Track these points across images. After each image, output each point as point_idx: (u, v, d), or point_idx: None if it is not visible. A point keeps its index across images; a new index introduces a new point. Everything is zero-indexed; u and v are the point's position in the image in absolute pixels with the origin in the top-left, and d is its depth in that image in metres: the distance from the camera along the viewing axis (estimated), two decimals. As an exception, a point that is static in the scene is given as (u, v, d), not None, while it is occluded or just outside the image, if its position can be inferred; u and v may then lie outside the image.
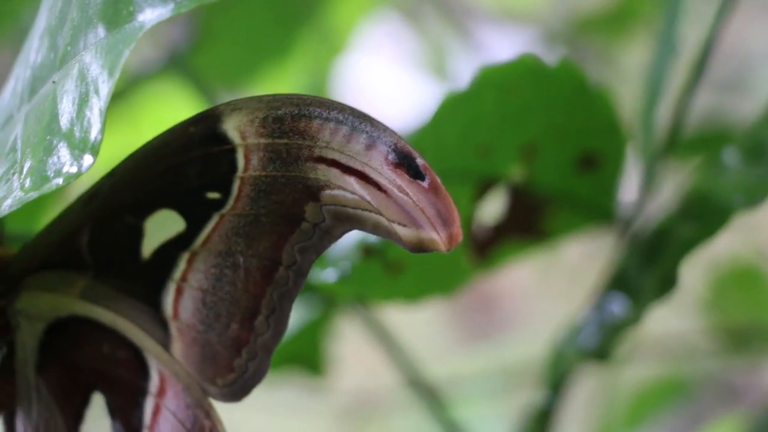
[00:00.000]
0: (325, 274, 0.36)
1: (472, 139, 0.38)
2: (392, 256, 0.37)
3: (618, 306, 0.38)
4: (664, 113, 0.44)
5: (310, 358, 0.50)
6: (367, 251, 0.36)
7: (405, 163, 0.27)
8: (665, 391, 0.75)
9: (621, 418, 0.70)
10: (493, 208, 0.41)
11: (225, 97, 0.59)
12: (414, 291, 0.39)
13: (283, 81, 0.61)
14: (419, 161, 0.27)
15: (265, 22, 0.63)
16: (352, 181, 0.27)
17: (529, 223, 0.41)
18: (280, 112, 0.28)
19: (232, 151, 0.28)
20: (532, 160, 0.40)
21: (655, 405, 0.75)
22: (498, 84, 0.38)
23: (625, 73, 0.85)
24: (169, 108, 0.62)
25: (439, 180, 0.27)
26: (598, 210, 0.41)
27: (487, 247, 0.41)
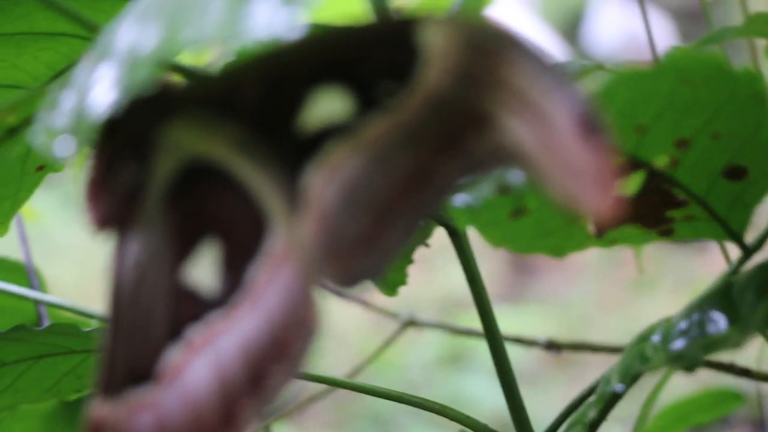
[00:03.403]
0: (454, 198, 0.36)
1: (635, 118, 0.37)
2: (521, 203, 0.37)
3: (720, 326, 0.38)
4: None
5: (390, 276, 0.50)
6: (503, 190, 0.35)
7: (584, 125, 0.27)
8: (702, 406, 0.75)
9: (659, 419, 0.69)
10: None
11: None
12: (527, 244, 0.39)
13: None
14: (599, 128, 0.26)
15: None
16: (526, 126, 0.27)
17: (656, 216, 0.41)
18: (479, 39, 0.28)
19: (419, 62, 0.28)
20: (682, 155, 0.39)
21: (688, 418, 0.74)
22: (679, 71, 0.37)
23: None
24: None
25: (611, 153, 0.26)
26: (728, 225, 0.41)
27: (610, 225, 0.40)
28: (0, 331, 0.40)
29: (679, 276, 2.15)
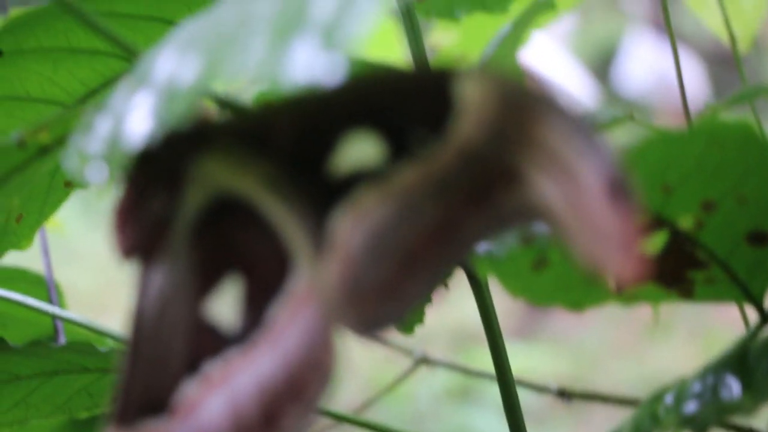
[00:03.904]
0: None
1: (663, 178, 0.37)
2: (544, 254, 0.37)
3: (734, 392, 0.38)
4: None
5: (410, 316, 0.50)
6: (526, 240, 0.35)
7: (613, 188, 0.27)
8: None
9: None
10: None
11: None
12: (547, 296, 0.39)
13: (488, 29, 0.60)
14: (627, 191, 0.27)
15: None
16: (555, 184, 0.27)
17: (677, 276, 0.41)
18: (515, 95, 0.28)
19: (453, 115, 0.28)
20: (707, 217, 0.39)
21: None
22: (709, 135, 0.37)
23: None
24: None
25: (637, 215, 0.27)
26: (748, 289, 0.41)
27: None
28: (16, 346, 0.40)
29: (693, 325, 2.14)
